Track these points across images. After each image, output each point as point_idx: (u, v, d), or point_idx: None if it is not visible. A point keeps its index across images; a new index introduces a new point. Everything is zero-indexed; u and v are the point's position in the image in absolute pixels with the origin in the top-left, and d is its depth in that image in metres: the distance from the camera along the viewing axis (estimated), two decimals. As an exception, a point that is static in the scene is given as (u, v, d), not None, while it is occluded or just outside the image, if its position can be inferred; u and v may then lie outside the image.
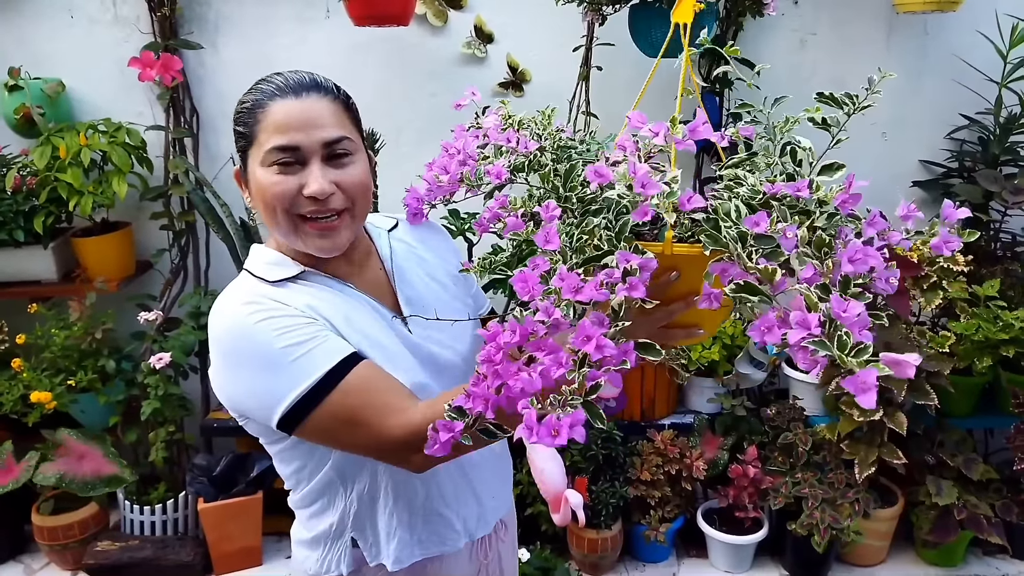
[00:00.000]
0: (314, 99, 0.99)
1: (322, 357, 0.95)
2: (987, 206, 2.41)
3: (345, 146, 1.00)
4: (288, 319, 0.96)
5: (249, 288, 1.02)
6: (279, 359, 0.94)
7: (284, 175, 0.98)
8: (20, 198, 2.29)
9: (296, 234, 1.00)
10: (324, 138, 0.98)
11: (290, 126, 0.97)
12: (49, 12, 2.42)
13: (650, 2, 1.97)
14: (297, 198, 0.98)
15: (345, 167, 1.00)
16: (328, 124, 0.99)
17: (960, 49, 2.45)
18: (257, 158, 0.99)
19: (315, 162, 0.98)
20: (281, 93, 0.98)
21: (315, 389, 0.94)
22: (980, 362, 2.20)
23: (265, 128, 0.98)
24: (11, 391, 2.31)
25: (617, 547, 2.41)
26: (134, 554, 2.34)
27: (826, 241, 0.73)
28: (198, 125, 2.50)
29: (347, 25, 2.21)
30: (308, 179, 0.97)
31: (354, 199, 1.01)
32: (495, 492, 1.21)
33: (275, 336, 0.95)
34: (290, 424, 0.96)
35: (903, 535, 2.49)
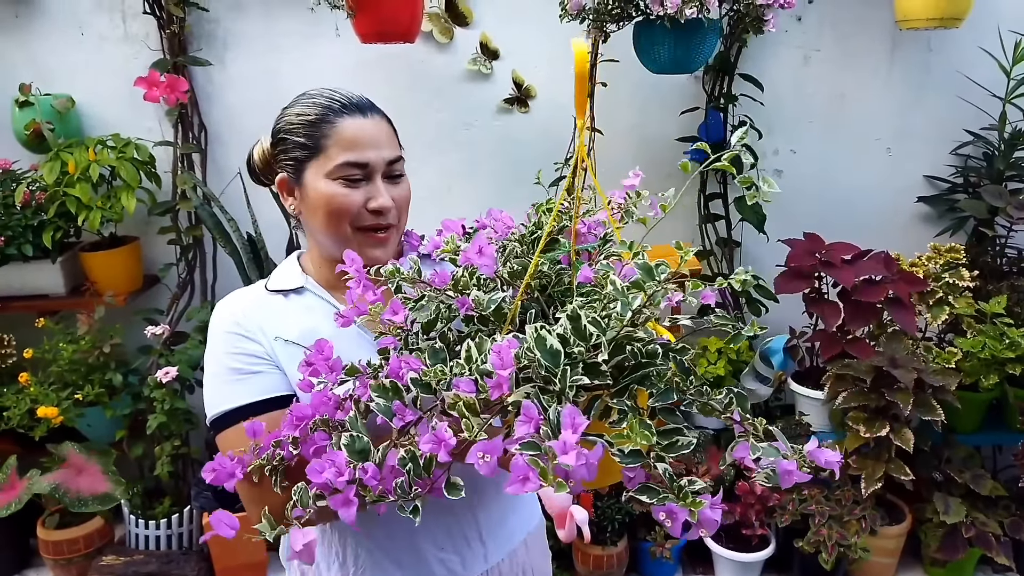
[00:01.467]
0: (377, 119, 1.07)
1: (243, 391, 1.02)
2: (992, 221, 2.41)
3: (400, 166, 1.08)
4: (245, 342, 1.04)
5: (247, 295, 1.11)
6: (222, 373, 1.04)
7: (351, 188, 1.04)
8: (29, 213, 2.31)
9: (352, 244, 1.06)
10: (388, 157, 1.06)
11: (361, 143, 1.03)
12: (60, 29, 2.45)
13: (654, 19, 1.99)
14: (361, 211, 1.04)
15: (399, 184, 1.08)
16: (389, 144, 1.07)
17: (964, 65, 2.46)
18: (322, 170, 1.04)
19: (379, 178, 1.05)
20: (349, 111, 1.05)
21: (226, 415, 1.02)
22: (987, 379, 2.19)
23: (336, 143, 1.03)
24: (18, 405, 2.31)
25: (623, 563, 2.39)
26: (139, 568, 2.34)
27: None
28: (206, 141, 2.52)
29: (354, 42, 2.23)
30: (375, 194, 1.04)
31: (401, 214, 1.09)
32: (444, 544, 1.15)
33: (227, 353, 1.04)
34: (213, 431, 1.05)
35: (911, 552, 2.47)
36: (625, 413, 0.72)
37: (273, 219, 2.41)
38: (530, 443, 0.66)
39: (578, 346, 0.72)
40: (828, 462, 0.74)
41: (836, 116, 2.56)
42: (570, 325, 0.74)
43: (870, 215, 2.60)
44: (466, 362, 0.76)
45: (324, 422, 0.80)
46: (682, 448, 0.71)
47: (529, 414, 0.67)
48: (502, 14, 2.45)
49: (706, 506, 0.67)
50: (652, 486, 0.69)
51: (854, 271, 2.19)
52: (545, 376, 0.71)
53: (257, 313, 1.07)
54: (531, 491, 0.64)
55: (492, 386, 0.71)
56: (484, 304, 0.84)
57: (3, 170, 2.39)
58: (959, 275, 2.26)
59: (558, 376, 0.70)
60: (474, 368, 0.74)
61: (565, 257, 0.92)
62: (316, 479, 0.72)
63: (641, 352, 0.75)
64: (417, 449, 0.71)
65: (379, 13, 2.10)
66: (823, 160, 2.59)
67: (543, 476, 0.64)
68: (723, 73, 2.43)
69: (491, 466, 0.67)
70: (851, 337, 2.26)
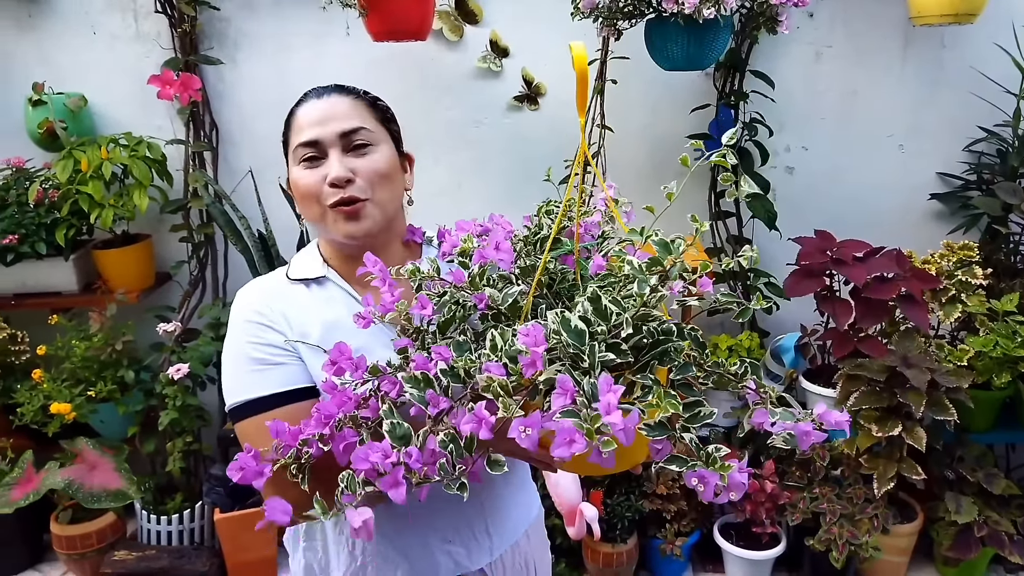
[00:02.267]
0: (334, 98, 1.07)
1: (264, 382, 1.02)
2: (1006, 219, 2.39)
3: (363, 136, 1.05)
4: (268, 332, 1.04)
5: (268, 283, 1.11)
6: (242, 363, 1.03)
7: (311, 168, 1.05)
8: (42, 211, 2.33)
9: (326, 223, 1.06)
10: (340, 129, 1.04)
11: (311, 123, 1.05)
12: (72, 28, 2.47)
13: (667, 17, 1.98)
14: (322, 188, 1.04)
15: (363, 156, 1.06)
16: (346, 117, 1.05)
17: (978, 61, 2.44)
18: (292, 160, 1.07)
19: (334, 153, 1.04)
20: (306, 98, 1.08)
21: (246, 405, 1.02)
22: (999, 378, 2.18)
23: (294, 131, 1.07)
24: (32, 401, 2.33)
25: (633, 561, 2.39)
26: (151, 564, 2.36)
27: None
28: (217, 139, 2.53)
29: (365, 40, 2.23)
30: (327, 168, 1.04)
31: (373, 186, 1.05)
32: (451, 537, 1.15)
33: (249, 343, 1.03)
34: (231, 420, 1.04)
35: (923, 551, 2.46)
36: (649, 388, 0.74)
37: (284, 217, 2.42)
38: (570, 412, 0.68)
39: (600, 326, 0.75)
40: (838, 423, 0.77)
41: (848, 113, 2.54)
42: (591, 307, 0.76)
43: (882, 212, 2.59)
44: (491, 351, 0.78)
45: (352, 419, 0.81)
46: (704, 418, 0.74)
47: (565, 387, 0.69)
48: (512, 12, 2.45)
49: (734, 469, 0.70)
50: (680, 456, 0.72)
51: (866, 269, 2.18)
52: (573, 355, 0.74)
53: (279, 302, 1.06)
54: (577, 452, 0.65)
55: (525, 364, 0.73)
56: (500, 299, 0.86)
57: (17, 168, 2.41)
58: (972, 273, 2.25)
59: (587, 353, 0.73)
60: (502, 353, 0.77)
61: (567, 257, 0.95)
62: (361, 465, 0.74)
63: (657, 331, 0.78)
64: (455, 430, 0.73)
65: (391, 12, 2.11)
66: (835, 157, 2.57)
67: (589, 436, 0.65)
68: (734, 70, 2.42)
69: (532, 440, 0.69)
70: (863, 335, 2.25)
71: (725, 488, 0.70)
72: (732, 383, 0.83)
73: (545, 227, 1.01)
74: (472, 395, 0.77)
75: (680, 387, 0.81)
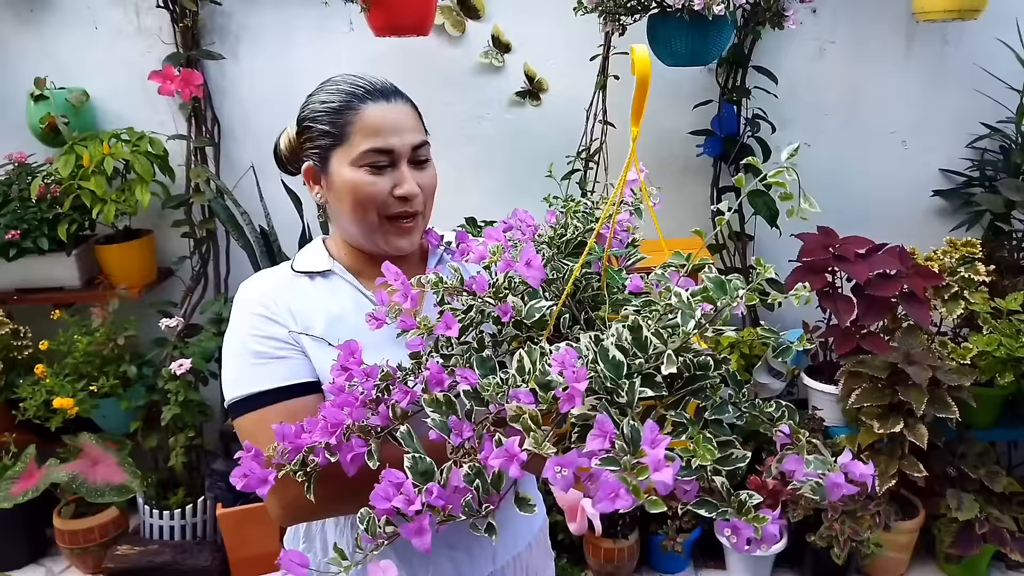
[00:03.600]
0: (401, 104, 1.05)
1: (265, 375, 1.00)
2: (1009, 216, 2.39)
3: (426, 151, 1.06)
4: (271, 325, 1.02)
5: (273, 276, 1.09)
6: (244, 356, 1.01)
7: (376, 176, 1.02)
8: (44, 206, 2.33)
9: (379, 231, 1.05)
10: (412, 142, 1.04)
11: (385, 129, 1.02)
12: (74, 23, 2.46)
13: (670, 12, 1.97)
14: (388, 199, 1.03)
15: (425, 170, 1.06)
16: (414, 129, 1.05)
17: (980, 57, 2.44)
18: (346, 158, 1.03)
19: (404, 164, 1.03)
20: (372, 97, 1.03)
21: (247, 399, 1.00)
22: (1003, 377, 2.17)
23: (360, 130, 1.02)
24: (34, 396, 2.33)
25: (634, 557, 2.40)
26: (153, 558, 2.36)
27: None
28: (219, 134, 2.53)
29: (366, 35, 2.23)
30: (400, 180, 1.02)
31: (427, 201, 1.07)
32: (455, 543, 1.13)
33: (252, 336, 1.01)
34: (231, 414, 1.02)
35: (924, 548, 2.46)
36: (682, 425, 0.71)
37: (286, 212, 2.42)
38: (610, 459, 0.64)
39: (638, 358, 0.71)
40: (862, 475, 0.73)
41: (851, 109, 2.54)
42: (630, 335, 0.73)
43: (885, 209, 2.58)
44: (518, 372, 0.74)
45: (361, 428, 0.78)
46: (737, 461, 0.70)
47: (604, 428, 0.65)
48: (514, 7, 2.45)
49: (769, 521, 0.66)
50: (710, 500, 0.68)
51: (868, 265, 2.18)
52: (609, 388, 0.70)
53: (283, 295, 1.05)
54: (623, 508, 0.62)
55: (563, 399, 0.69)
56: (525, 312, 0.82)
57: (19, 164, 2.41)
58: (975, 269, 2.24)
59: (625, 389, 0.69)
60: (530, 377, 0.73)
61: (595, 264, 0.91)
62: (381, 504, 0.69)
63: (694, 364, 0.75)
64: (480, 464, 0.69)
65: (393, 6, 2.10)
66: (838, 153, 2.57)
67: (636, 493, 0.62)
68: (737, 66, 2.42)
69: (567, 481, 0.65)
70: (865, 332, 2.24)
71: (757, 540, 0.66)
72: (766, 425, 0.80)
73: (571, 229, 0.98)
74: (494, 419, 0.73)
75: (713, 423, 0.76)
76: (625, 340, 0.73)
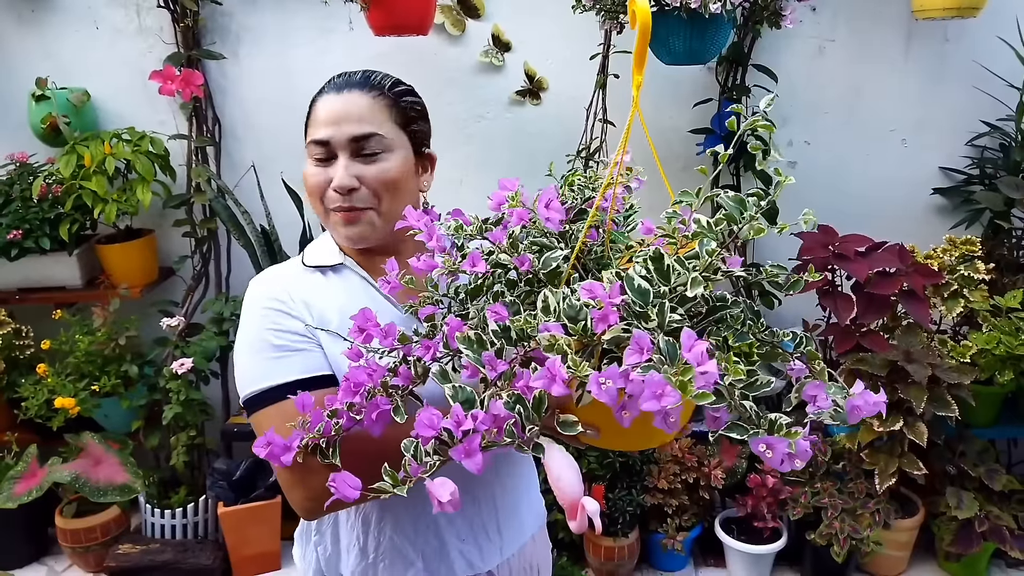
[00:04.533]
0: (355, 95, 1.03)
1: (284, 369, 0.99)
2: (1009, 214, 2.39)
3: (374, 144, 1.02)
4: (287, 319, 1.02)
5: (285, 270, 1.10)
6: (262, 350, 1.01)
7: (319, 167, 1.04)
8: (46, 206, 2.33)
9: (328, 223, 1.06)
10: (352, 133, 1.01)
11: (325, 120, 1.02)
12: (75, 23, 2.47)
13: (669, 10, 1.98)
14: (328, 191, 1.03)
15: (373, 163, 1.03)
16: (362, 119, 1.02)
17: (980, 55, 2.44)
18: (307, 153, 1.06)
19: (342, 156, 1.02)
20: (327, 89, 1.05)
21: (265, 393, 0.99)
22: (1002, 376, 2.17)
23: (311, 123, 1.05)
24: (36, 396, 2.34)
25: (634, 555, 2.40)
26: (155, 557, 2.37)
27: None
28: (220, 134, 2.54)
29: (367, 35, 2.23)
30: (333, 172, 1.02)
31: (379, 196, 1.03)
32: (465, 536, 1.14)
33: (268, 329, 1.01)
34: (247, 410, 1.02)
35: (924, 545, 2.46)
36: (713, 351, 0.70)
37: (287, 212, 2.42)
38: (648, 367, 0.64)
39: (662, 286, 0.72)
40: (876, 403, 0.74)
41: (851, 107, 2.54)
42: (652, 266, 0.73)
43: (885, 207, 2.58)
44: (543, 312, 0.74)
45: (384, 386, 0.78)
46: (762, 386, 0.72)
47: (641, 343, 0.65)
48: (514, 6, 2.45)
49: (802, 436, 0.68)
50: (741, 423, 0.70)
51: (868, 263, 2.18)
52: (637, 314, 0.70)
53: (298, 289, 1.04)
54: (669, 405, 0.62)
55: (597, 318, 0.69)
56: (540, 264, 0.82)
57: (20, 163, 2.42)
58: (974, 268, 2.25)
59: (655, 311, 0.69)
60: (559, 313, 0.73)
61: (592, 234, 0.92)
62: (426, 432, 0.68)
63: (712, 297, 0.76)
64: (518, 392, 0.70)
65: (393, 6, 2.11)
66: (837, 151, 2.57)
67: (682, 388, 0.62)
68: (736, 64, 2.42)
69: (611, 393, 0.64)
70: (865, 330, 2.25)
71: (791, 455, 0.67)
72: (784, 355, 0.81)
73: (569, 199, 0.98)
74: (522, 359, 0.73)
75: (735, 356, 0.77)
76: (649, 271, 0.74)
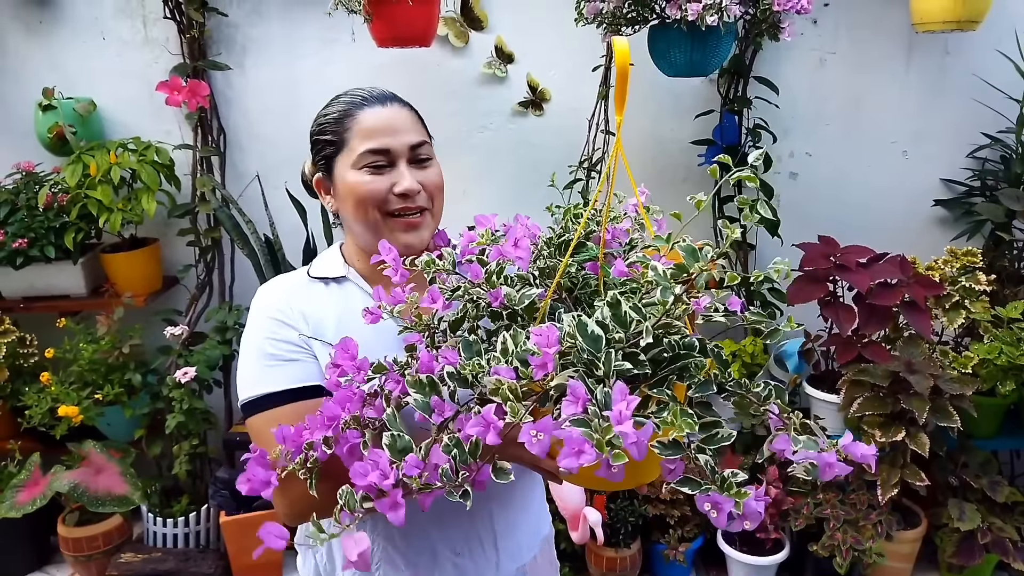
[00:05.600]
0: (397, 107, 1.10)
1: (277, 377, 1.03)
2: (1010, 225, 2.39)
3: (426, 150, 1.10)
4: (283, 329, 1.05)
5: (289, 281, 1.13)
6: (259, 357, 1.04)
7: (376, 175, 1.06)
8: (51, 215, 2.35)
9: (385, 229, 1.08)
10: (410, 141, 1.07)
11: (380, 131, 1.06)
12: (82, 34, 2.49)
13: (669, 23, 1.99)
14: (387, 196, 1.06)
15: (426, 169, 1.10)
16: (411, 129, 1.09)
17: (980, 68, 2.45)
18: (347, 162, 1.07)
19: (403, 163, 1.07)
20: (368, 103, 1.08)
21: (258, 400, 1.03)
22: (1004, 386, 2.18)
23: (357, 134, 1.07)
24: (40, 404, 2.35)
25: (636, 566, 2.40)
26: (157, 566, 2.37)
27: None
28: (225, 144, 2.55)
29: (370, 47, 2.25)
30: (398, 178, 1.06)
31: (433, 198, 1.10)
32: (461, 549, 1.15)
33: (265, 338, 1.05)
34: (244, 414, 1.05)
35: (927, 557, 2.45)
36: (665, 403, 0.71)
37: (290, 221, 2.43)
38: (580, 420, 0.65)
39: (617, 333, 0.72)
40: (864, 456, 0.74)
41: (852, 119, 2.55)
42: (610, 312, 0.74)
43: (886, 218, 2.59)
44: (502, 354, 0.76)
45: (355, 419, 0.81)
46: (722, 440, 0.72)
47: (577, 393, 0.67)
48: (517, 18, 2.47)
49: (751, 497, 0.67)
50: (694, 478, 0.70)
51: (869, 275, 2.19)
52: (587, 361, 0.71)
53: (297, 300, 1.08)
54: (586, 463, 0.63)
55: (536, 365, 0.71)
56: (517, 299, 0.84)
57: (26, 173, 2.43)
58: (976, 279, 2.25)
59: (602, 360, 0.70)
60: (512, 357, 0.75)
61: (591, 265, 0.92)
62: (360, 482, 0.72)
63: (679, 344, 0.75)
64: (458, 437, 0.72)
65: (395, 18, 2.12)
66: (839, 163, 2.58)
67: (599, 447, 0.62)
68: (738, 76, 2.43)
69: (543, 446, 0.67)
70: (867, 341, 2.25)
71: (740, 516, 0.67)
72: (754, 405, 0.80)
73: (571, 230, 1.00)
74: (479, 400, 0.76)
75: (698, 405, 0.77)
76: (605, 316, 0.74)
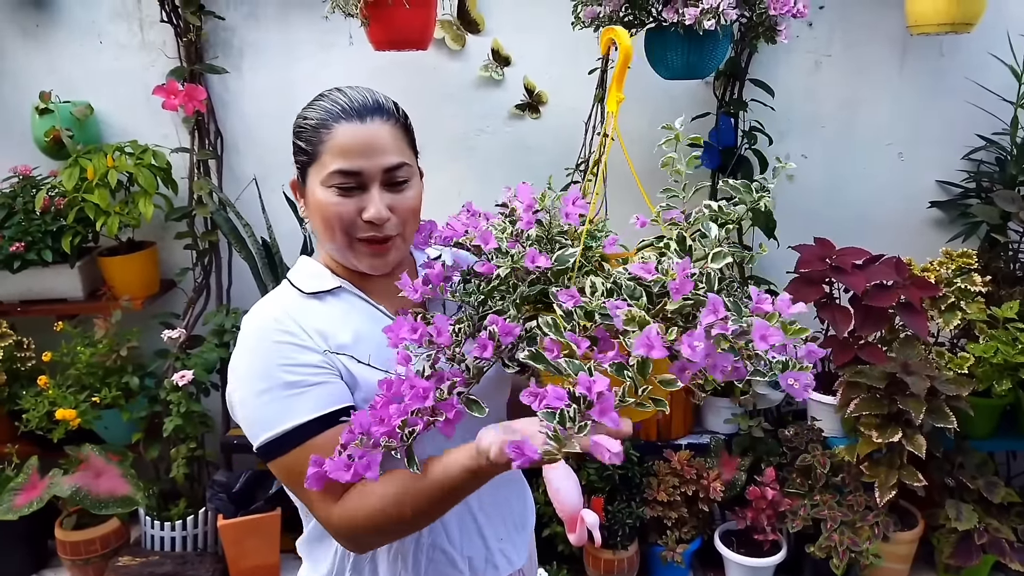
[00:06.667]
0: (378, 124, 1.01)
1: (303, 407, 0.96)
2: (1005, 227, 2.40)
3: (404, 172, 1.02)
4: (300, 352, 0.98)
5: (284, 301, 1.05)
6: (275, 389, 0.96)
7: (344, 197, 1.00)
8: (49, 218, 2.35)
9: (351, 252, 1.03)
10: (384, 164, 1.00)
11: (354, 151, 0.99)
12: (79, 38, 2.49)
13: (666, 26, 2.00)
14: (355, 220, 1.00)
15: (401, 192, 1.03)
16: (389, 150, 1.01)
17: (975, 70, 2.46)
18: (318, 177, 1.01)
19: (375, 187, 1.00)
20: (346, 116, 1.00)
21: (287, 435, 0.95)
22: (1000, 385, 2.18)
23: (329, 149, 0.99)
24: (37, 407, 2.35)
25: (634, 568, 2.40)
26: (154, 569, 2.37)
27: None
28: (222, 147, 2.55)
29: (367, 50, 2.25)
30: (367, 204, 0.99)
31: (405, 222, 1.04)
32: (503, 535, 1.17)
33: (280, 366, 0.97)
34: (264, 456, 0.98)
35: (924, 558, 2.45)
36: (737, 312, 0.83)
37: (288, 224, 2.44)
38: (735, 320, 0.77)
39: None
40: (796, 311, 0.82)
41: (847, 121, 2.56)
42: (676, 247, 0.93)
43: (882, 220, 2.60)
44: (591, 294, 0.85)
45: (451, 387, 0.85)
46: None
47: (716, 304, 0.76)
48: (514, 21, 2.47)
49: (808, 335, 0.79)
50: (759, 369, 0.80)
51: (865, 276, 2.19)
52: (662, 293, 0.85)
53: (305, 318, 1.01)
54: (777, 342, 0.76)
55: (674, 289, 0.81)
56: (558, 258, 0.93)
57: (23, 176, 2.43)
58: (971, 280, 2.26)
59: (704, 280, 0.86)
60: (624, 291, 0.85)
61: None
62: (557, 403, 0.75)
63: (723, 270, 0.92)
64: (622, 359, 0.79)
65: (392, 21, 2.13)
66: (834, 165, 2.59)
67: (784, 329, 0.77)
68: (734, 78, 2.44)
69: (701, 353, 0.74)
70: (863, 342, 2.26)
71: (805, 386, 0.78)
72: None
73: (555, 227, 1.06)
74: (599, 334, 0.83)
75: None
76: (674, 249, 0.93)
